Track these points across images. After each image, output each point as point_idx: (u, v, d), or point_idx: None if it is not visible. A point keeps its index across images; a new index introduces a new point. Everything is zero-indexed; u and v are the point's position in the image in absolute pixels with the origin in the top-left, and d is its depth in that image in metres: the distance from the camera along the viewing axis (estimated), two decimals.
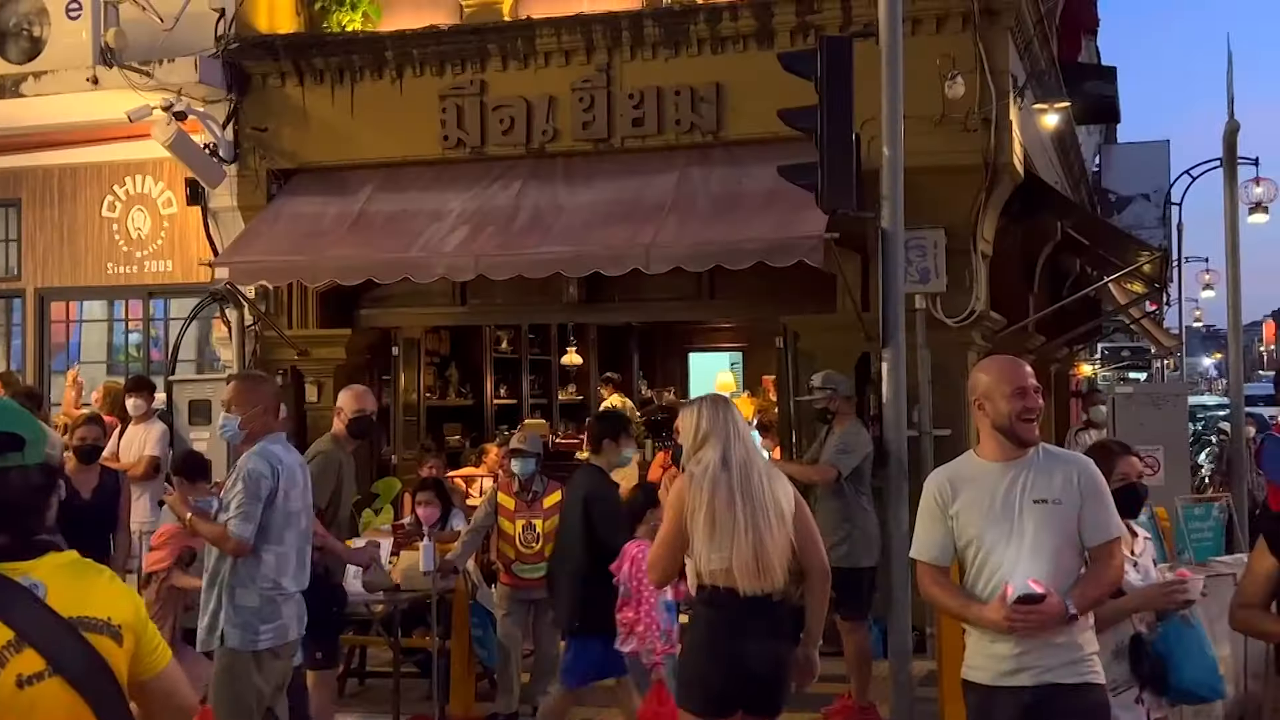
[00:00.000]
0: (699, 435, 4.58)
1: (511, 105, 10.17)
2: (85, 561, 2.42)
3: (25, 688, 2.18)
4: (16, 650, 2.18)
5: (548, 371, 15.91)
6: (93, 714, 2.26)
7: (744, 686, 4.44)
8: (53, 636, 2.23)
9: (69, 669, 2.23)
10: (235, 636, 5.17)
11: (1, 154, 11.72)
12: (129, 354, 12.35)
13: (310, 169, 10.68)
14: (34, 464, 2.30)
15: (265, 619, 5.21)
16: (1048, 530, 3.81)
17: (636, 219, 9.39)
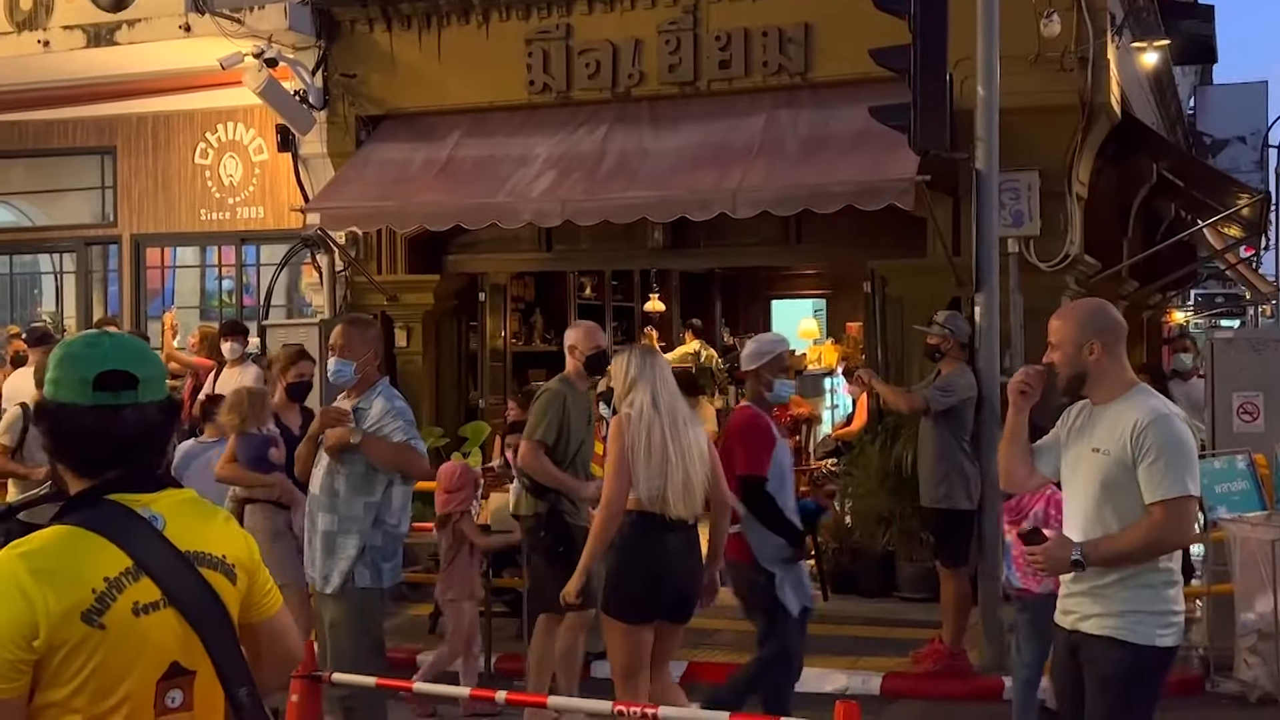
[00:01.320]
0: (628, 380, 5.24)
1: (597, 49, 10.12)
2: (203, 501, 2.47)
3: (141, 615, 2.22)
4: (134, 578, 2.22)
5: (631, 318, 15.93)
6: (204, 647, 2.29)
7: (667, 597, 5.14)
8: (169, 568, 2.26)
9: (183, 601, 2.27)
10: (365, 576, 5.26)
11: (97, 102, 11.92)
12: (222, 299, 12.59)
13: (398, 115, 10.74)
14: (150, 401, 2.33)
15: (387, 557, 5.34)
16: (1091, 477, 3.82)
17: (723, 163, 9.33)
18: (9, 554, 2.19)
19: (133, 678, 2.22)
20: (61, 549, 2.20)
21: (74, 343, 2.37)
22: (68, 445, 2.30)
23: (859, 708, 3.57)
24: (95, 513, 2.25)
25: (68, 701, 2.17)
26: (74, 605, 2.16)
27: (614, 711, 4.01)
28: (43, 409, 2.32)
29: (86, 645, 2.16)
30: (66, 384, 2.28)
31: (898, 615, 8.59)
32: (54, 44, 10.77)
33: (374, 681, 4.76)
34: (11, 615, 2.13)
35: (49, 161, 12.81)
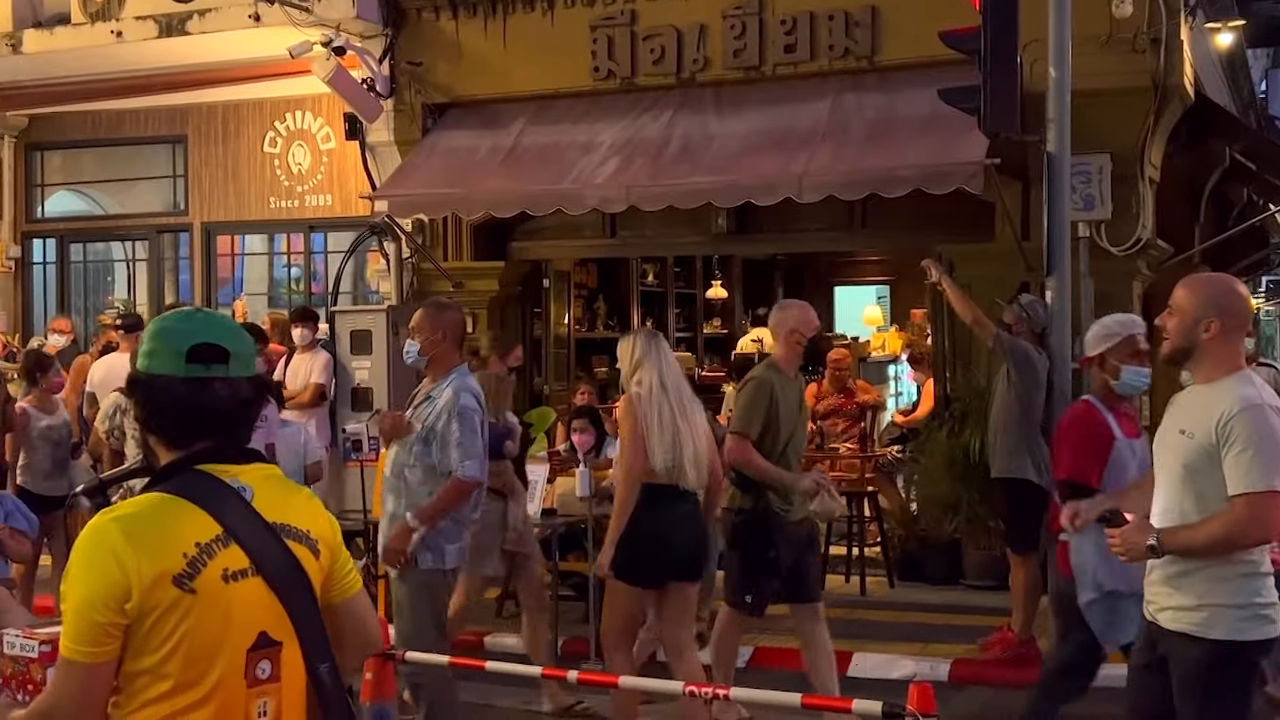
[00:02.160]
0: (634, 361, 5.54)
1: (662, 34, 10.12)
2: (287, 478, 2.53)
3: (230, 582, 2.26)
4: (224, 545, 2.26)
5: (693, 305, 15.93)
6: (288, 617, 2.33)
7: (680, 560, 5.50)
8: (257, 537, 2.30)
9: (270, 570, 2.31)
10: (428, 557, 5.30)
11: (168, 92, 12.09)
12: (290, 287, 12.75)
13: (464, 103, 10.81)
14: (241, 376, 2.38)
15: (451, 539, 5.37)
16: (1174, 460, 3.68)
17: (788, 147, 9.30)
18: (103, 519, 2.24)
19: (224, 645, 2.26)
20: (154, 515, 2.25)
21: (168, 317, 2.43)
22: (160, 415, 2.36)
23: (932, 689, 3.55)
24: (186, 481, 2.30)
25: (159, 668, 2.21)
26: (166, 569, 2.20)
27: (685, 691, 4.02)
28: (136, 380, 2.37)
29: (177, 610, 2.21)
30: (161, 356, 2.34)
31: (965, 603, 8.54)
32: (126, 34, 10.96)
33: (447, 660, 4.81)
34: (105, 578, 2.18)
35: (122, 151, 13.03)
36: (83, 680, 2.20)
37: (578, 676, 4.69)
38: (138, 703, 2.23)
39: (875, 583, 9.16)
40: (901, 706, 3.45)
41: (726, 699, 3.87)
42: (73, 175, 13.53)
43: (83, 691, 2.20)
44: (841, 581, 9.27)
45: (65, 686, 2.22)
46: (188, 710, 2.23)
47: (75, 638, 2.19)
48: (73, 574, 2.21)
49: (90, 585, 2.18)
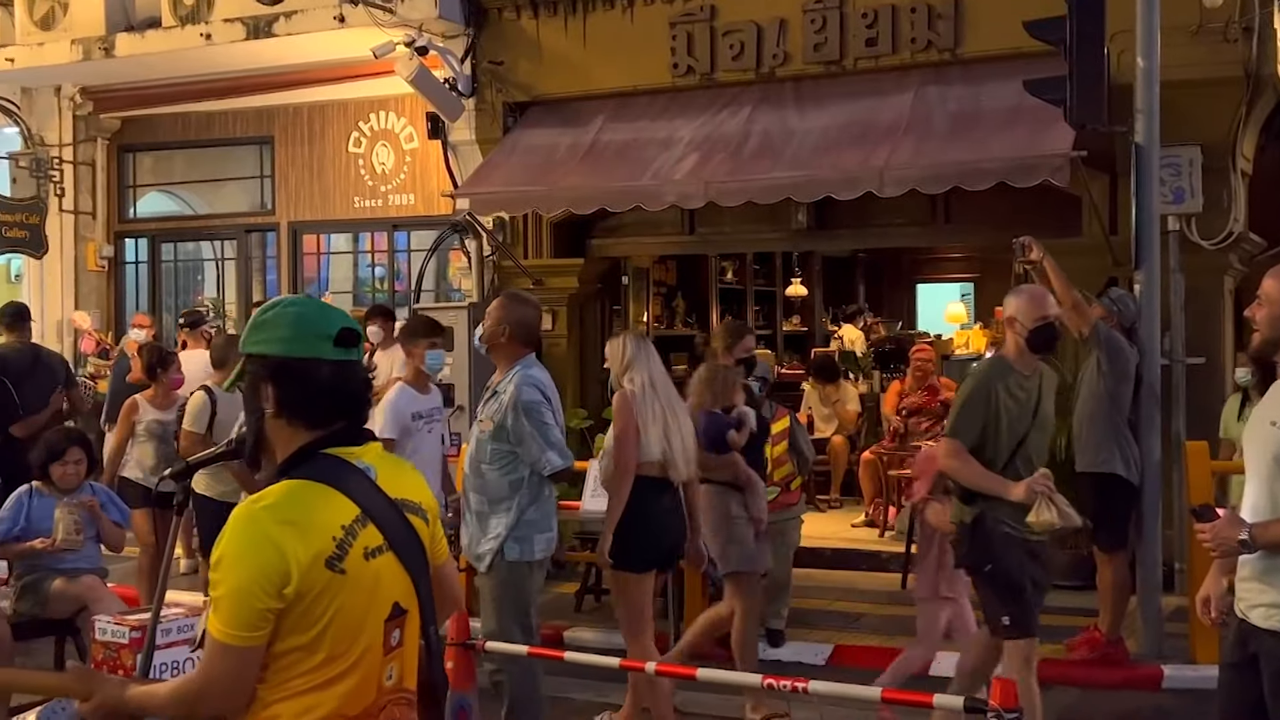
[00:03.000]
0: (625, 361, 5.77)
1: (741, 30, 10.09)
2: (397, 457, 2.67)
3: (370, 560, 2.36)
4: (363, 525, 2.36)
5: (772, 302, 15.88)
6: (413, 587, 2.44)
7: (665, 549, 5.81)
8: (386, 514, 2.41)
9: (399, 544, 2.42)
10: (515, 550, 5.32)
11: (256, 93, 12.32)
12: (374, 285, 12.92)
13: (544, 101, 10.87)
14: (361, 359, 2.49)
15: (540, 530, 5.39)
16: (1264, 451, 3.58)
17: (870, 141, 9.22)
18: (252, 508, 2.31)
19: (367, 620, 2.37)
20: (301, 500, 2.33)
21: (293, 304, 2.49)
22: (305, 399, 2.40)
23: (1015, 685, 3.50)
24: (319, 466, 2.39)
25: (313, 645, 2.31)
26: (319, 553, 2.29)
27: (763, 684, 4.00)
28: (280, 365, 2.40)
29: (330, 590, 2.30)
30: (306, 340, 2.40)
31: (1050, 603, 8.26)
32: (215, 37, 11.17)
33: (525, 650, 4.83)
34: (265, 565, 2.25)
35: (211, 152, 13.30)
36: (237, 663, 2.28)
37: (655, 669, 4.68)
38: (285, 678, 2.32)
39: None
40: (984, 702, 3.40)
41: (806, 692, 3.84)
42: (163, 176, 13.84)
43: (236, 674, 2.29)
44: None
45: (219, 668, 2.29)
46: (334, 681, 2.33)
47: (231, 622, 2.26)
48: (227, 561, 2.28)
49: (249, 571, 2.25)
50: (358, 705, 2.36)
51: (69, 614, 6.48)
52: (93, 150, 13.21)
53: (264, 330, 2.45)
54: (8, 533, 6.55)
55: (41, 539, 6.45)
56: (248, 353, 2.46)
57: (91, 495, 6.71)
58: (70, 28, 11.86)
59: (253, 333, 2.46)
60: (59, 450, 6.60)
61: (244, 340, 2.48)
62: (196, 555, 9.57)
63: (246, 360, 2.46)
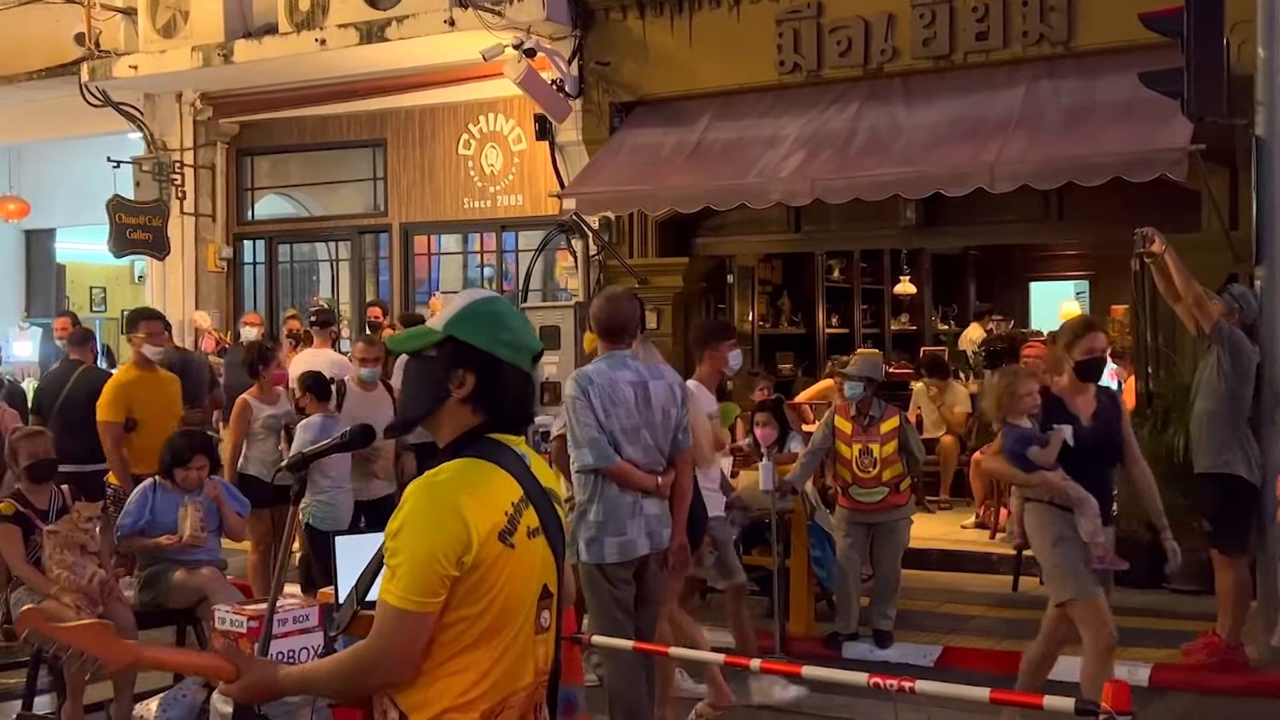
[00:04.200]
0: None
1: (849, 26, 10.02)
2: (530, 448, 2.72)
3: (531, 539, 2.47)
4: (525, 506, 2.47)
5: (880, 301, 15.72)
6: (556, 572, 2.55)
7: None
8: (541, 499, 2.52)
9: (549, 528, 2.52)
10: (584, 551, 5.33)
11: (368, 97, 12.57)
12: (483, 285, 13.08)
13: (650, 100, 10.91)
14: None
15: (610, 533, 5.30)
16: None
17: (980, 136, 9.09)
18: (433, 480, 2.41)
19: (527, 595, 2.46)
20: (478, 475, 2.44)
21: (512, 312, 2.61)
22: (502, 397, 2.53)
23: (1128, 688, 3.43)
24: (487, 447, 2.49)
25: (479, 616, 2.39)
26: (495, 526, 2.39)
27: (869, 683, 3.98)
28: (491, 362, 2.51)
29: (500, 563, 2.39)
30: (520, 350, 2.54)
31: (1167, 607, 8.19)
32: (330, 42, 11.41)
33: (630, 645, 4.86)
34: (451, 533, 2.35)
35: (325, 155, 13.60)
36: (414, 628, 2.36)
37: (760, 666, 4.69)
38: (450, 652, 2.39)
39: None
40: (1096, 704, 3.34)
41: (912, 691, 3.81)
42: (280, 179, 14.19)
43: (411, 640, 2.36)
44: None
45: (397, 634, 2.36)
46: (495, 655, 2.41)
47: (412, 588, 2.34)
48: (409, 529, 2.36)
49: (434, 539, 2.34)
50: (516, 683, 2.44)
51: (189, 604, 6.69)
52: (212, 154, 13.60)
53: (482, 323, 2.53)
54: (133, 526, 6.78)
55: (168, 535, 6.67)
56: (454, 335, 2.52)
57: (215, 486, 6.93)
58: (191, 35, 12.22)
59: (467, 321, 2.53)
60: (184, 457, 6.82)
61: (454, 323, 2.53)
62: None
63: (450, 341, 2.52)
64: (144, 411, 6.80)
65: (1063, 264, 16.73)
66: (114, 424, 6.87)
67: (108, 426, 6.98)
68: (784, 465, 7.93)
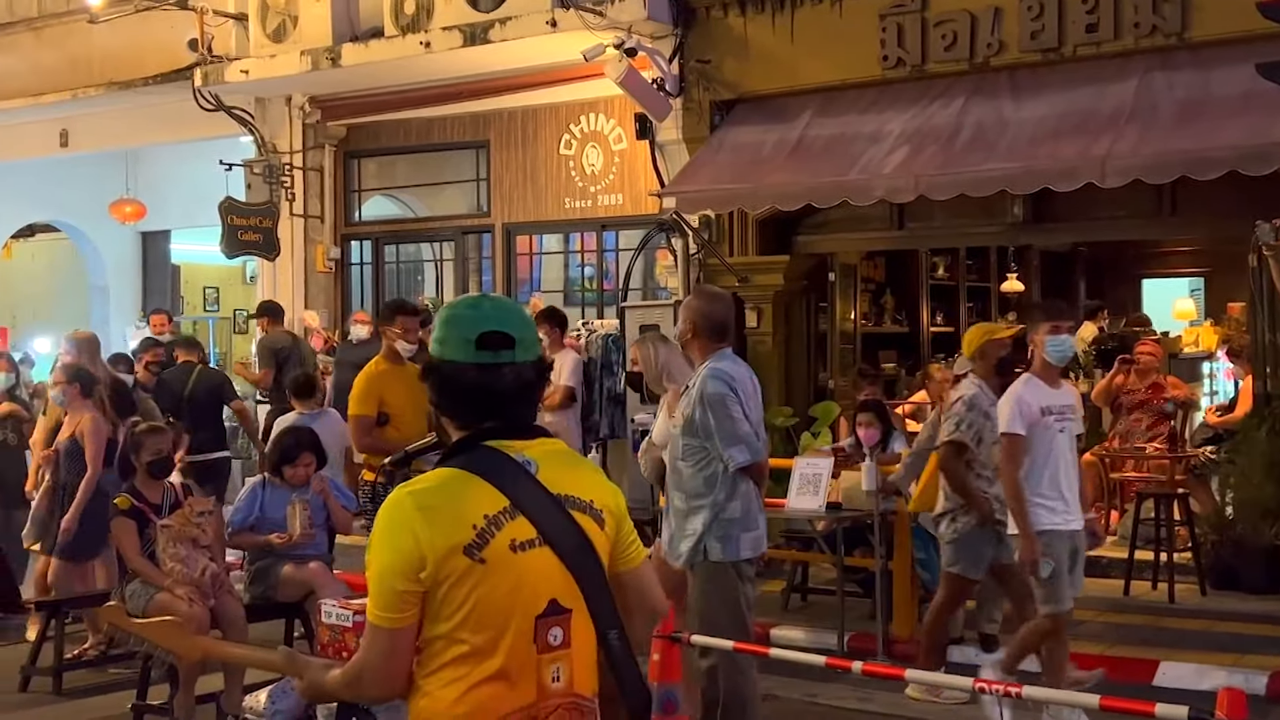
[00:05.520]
0: (660, 365, 6.47)
1: (954, 20, 9.86)
2: (575, 453, 2.65)
3: (518, 552, 2.38)
4: (511, 517, 2.38)
5: (986, 299, 15.44)
6: (577, 586, 2.43)
7: None
8: (542, 508, 2.42)
9: (556, 540, 2.42)
10: (717, 548, 5.28)
11: (472, 99, 12.68)
12: (584, 285, 13.14)
13: (751, 98, 10.85)
14: (525, 360, 2.49)
15: (745, 528, 5.32)
16: None
17: (1090, 131, 8.88)
18: (400, 493, 2.40)
19: (514, 612, 2.37)
20: (445, 488, 2.39)
21: (457, 305, 2.56)
22: (450, 398, 2.50)
23: (1245, 696, 3.32)
24: (474, 457, 2.43)
25: (454, 633, 2.35)
26: (457, 541, 2.34)
27: (974, 686, 3.91)
28: (430, 366, 2.52)
29: (469, 579, 2.34)
30: (452, 343, 2.47)
31: None
32: (434, 45, 11.53)
33: (731, 645, 4.84)
34: (402, 549, 2.33)
35: (429, 156, 13.76)
36: (387, 644, 2.36)
37: (862, 668, 4.63)
38: (436, 664, 2.38)
39: (1186, 590, 8.63)
40: (1209, 712, 3.23)
41: (1018, 696, 3.74)
42: (386, 181, 14.40)
43: (388, 654, 2.37)
44: (1148, 588, 8.81)
45: (372, 649, 2.39)
46: (482, 672, 2.36)
47: (378, 604, 2.36)
48: (374, 544, 2.38)
49: (390, 555, 2.34)
50: (514, 702, 2.37)
51: (297, 598, 6.83)
52: (321, 157, 13.84)
53: (436, 332, 2.55)
54: (243, 522, 6.95)
55: (277, 534, 6.82)
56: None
57: (321, 480, 7.06)
58: (300, 39, 12.46)
59: (434, 333, 2.57)
60: (292, 455, 6.98)
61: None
62: None
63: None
64: (396, 405, 6.89)
65: (1176, 260, 16.30)
66: (366, 417, 6.92)
67: (360, 420, 6.97)
68: (887, 466, 7.84)
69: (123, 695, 6.51)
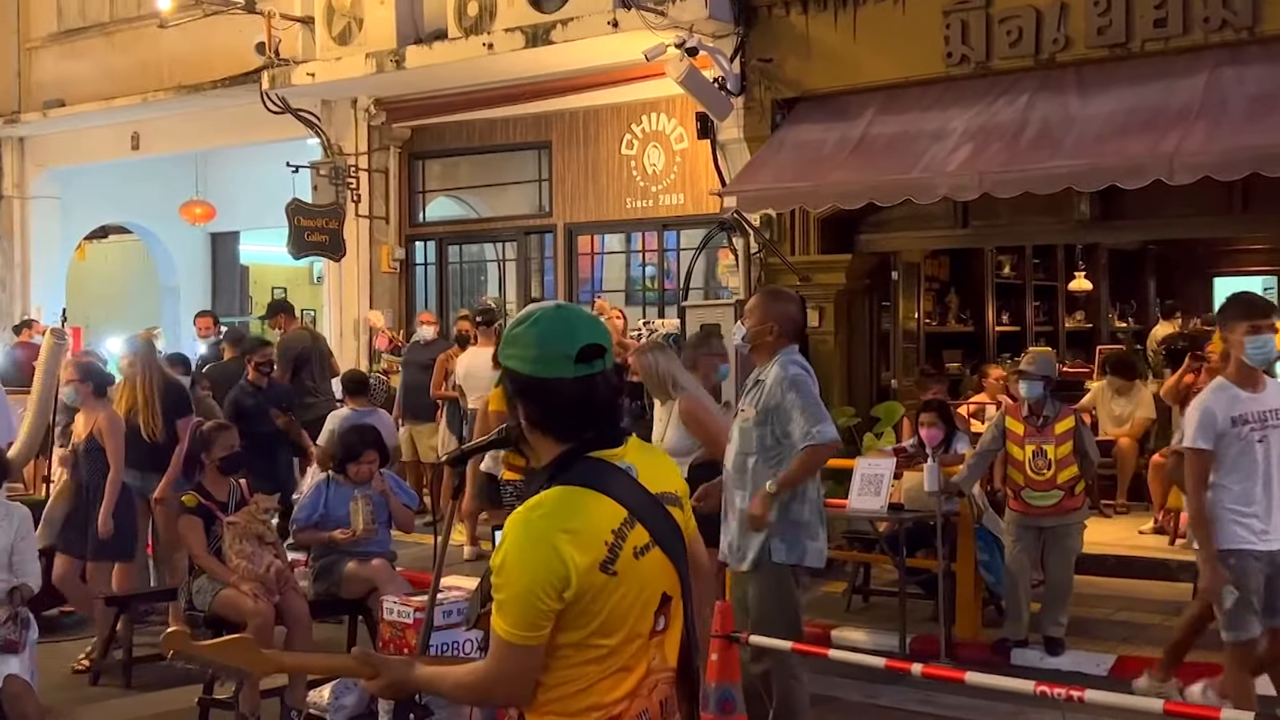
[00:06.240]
0: (662, 374, 6.77)
1: (1019, 15, 9.74)
2: (648, 444, 2.71)
3: (639, 558, 2.45)
4: (631, 527, 2.45)
5: (1053, 298, 15.25)
6: (677, 576, 2.53)
7: None
8: (651, 511, 2.49)
9: (663, 539, 2.50)
10: (782, 551, 5.26)
11: (534, 100, 12.75)
12: (645, 284, 13.15)
13: (812, 96, 10.79)
14: (611, 367, 2.54)
15: (810, 536, 5.31)
16: None
17: (1158, 127, 8.73)
18: (530, 515, 2.42)
19: (638, 612, 2.46)
20: (574, 507, 2.42)
21: (541, 319, 2.52)
22: (554, 415, 2.50)
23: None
24: (586, 471, 2.47)
25: (586, 640, 2.42)
26: (594, 559, 2.39)
27: (1036, 690, 3.86)
28: (529, 386, 2.50)
29: (605, 591, 2.40)
30: (552, 360, 2.46)
31: None
32: (497, 46, 11.59)
33: (790, 645, 4.83)
34: (548, 570, 2.37)
35: (492, 157, 13.85)
36: (524, 660, 2.41)
37: (922, 670, 4.59)
38: (564, 666, 2.44)
39: None
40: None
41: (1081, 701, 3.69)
42: (449, 182, 14.51)
43: (521, 670, 2.43)
44: None
45: (505, 666, 2.43)
46: (607, 668, 2.45)
47: (517, 624, 2.38)
48: (509, 566, 2.39)
49: (532, 576, 2.37)
50: (628, 685, 2.47)
51: (361, 594, 6.91)
52: (385, 158, 13.99)
53: (514, 346, 2.52)
54: (308, 519, 7.05)
55: (341, 530, 6.91)
56: (504, 364, 2.55)
57: (382, 480, 7.15)
58: (365, 42, 12.59)
59: (505, 346, 2.54)
60: (356, 451, 7.08)
61: (500, 351, 2.57)
62: (479, 544, 10.03)
63: (505, 370, 2.56)
64: None
65: (1249, 258, 15.96)
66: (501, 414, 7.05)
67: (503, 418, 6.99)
68: (950, 467, 7.77)
69: (190, 690, 6.62)
